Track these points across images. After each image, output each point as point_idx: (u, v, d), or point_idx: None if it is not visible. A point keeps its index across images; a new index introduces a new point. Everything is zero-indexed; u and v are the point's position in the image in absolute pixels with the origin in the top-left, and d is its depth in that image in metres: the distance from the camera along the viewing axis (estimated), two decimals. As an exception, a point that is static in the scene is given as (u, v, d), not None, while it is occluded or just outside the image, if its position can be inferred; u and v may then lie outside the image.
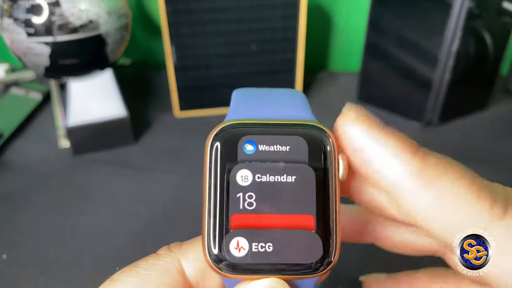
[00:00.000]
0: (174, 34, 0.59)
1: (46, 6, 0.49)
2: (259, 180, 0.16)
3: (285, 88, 0.20)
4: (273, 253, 0.16)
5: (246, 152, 0.16)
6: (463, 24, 0.55)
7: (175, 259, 0.18)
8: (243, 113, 0.17)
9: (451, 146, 0.59)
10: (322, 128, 0.17)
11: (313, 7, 0.75)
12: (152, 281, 0.17)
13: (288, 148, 0.16)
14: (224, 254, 0.16)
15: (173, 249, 0.18)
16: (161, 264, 0.17)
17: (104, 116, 0.56)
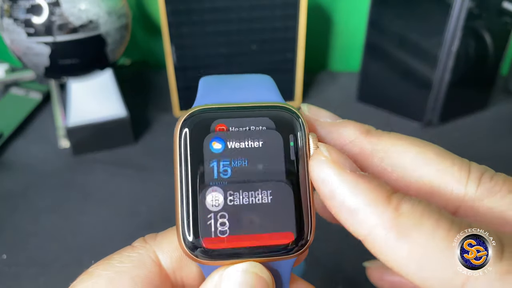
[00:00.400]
0: (174, 34, 0.59)
1: (46, 6, 0.49)
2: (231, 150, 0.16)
3: (252, 74, 0.20)
4: (249, 236, 0.16)
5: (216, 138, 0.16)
6: (463, 24, 0.55)
7: (150, 250, 0.18)
8: (211, 99, 0.17)
9: (451, 146, 0.58)
10: (292, 109, 0.17)
11: (313, 7, 0.75)
12: (127, 273, 0.17)
13: (258, 129, 0.16)
14: (199, 240, 0.15)
15: (148, 240, 0.18)
16: (135, 256, 0.17)
17: (104, 116, 0.56)
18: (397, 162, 0.16)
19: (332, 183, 0.15)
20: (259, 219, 0.16)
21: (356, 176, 0.15)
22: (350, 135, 0.17)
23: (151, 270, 0.17)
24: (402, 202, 0.14)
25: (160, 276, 0.17)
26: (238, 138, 0.16)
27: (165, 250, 0.18)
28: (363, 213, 0.15)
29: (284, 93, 0.68)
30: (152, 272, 0.17)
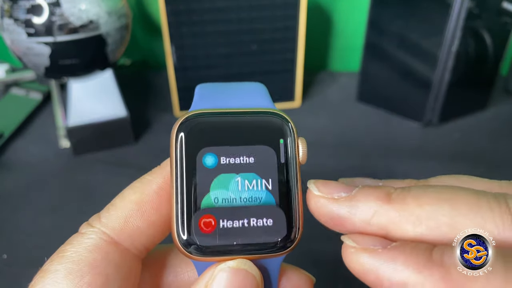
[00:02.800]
0: (174, 34, 0.59)
1: (46, 6, 0.49)
2: (223, 163, 0.17)
3: (247, 82, 0.21)
4: (239, 230, 0.16)
5: (211, 141, 0.17)
6: (462, 24, 0.55)
7: (100, 232, 0.17)
8: (206, 104, 0.18)
9: (451, 146, 0.59)
10: (282, 115, 0.18)
11: (313, 7, 0.76)
12: (84, 260, 0.16)
13: (250, 134, 0.17)
14: (193, 238, 0.16)
15: (94, 224, 0.18)
16: (88, 241, 0.17)
17: (104, 116, 0.56)
18: (432, 226, 0.15)
19: (372, 270, 0.15)
20: (250, 219, 0.16)
21: (390, 251, 0.15)
22: (372, 208, 0.16)
23: (108, 251, 0.17)
24: (444, 256, 0.14)
25: (119, 253, 0.17)
26: (230, 155, 0.17)
27: (116, 226, 0.17)
28: (413, 282, 0.14)
29: (284, 93, 0.68)
30: (110, 252, 0.17)
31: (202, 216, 0.16)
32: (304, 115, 0.67)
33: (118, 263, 0.17)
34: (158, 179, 0.18)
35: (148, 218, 0.18)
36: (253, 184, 0.17)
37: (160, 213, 0.18)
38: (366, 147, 0.58)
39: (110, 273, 0.17)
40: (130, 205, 0.18)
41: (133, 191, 0.18)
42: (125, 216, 0.17)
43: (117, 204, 0.18)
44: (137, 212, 0.18)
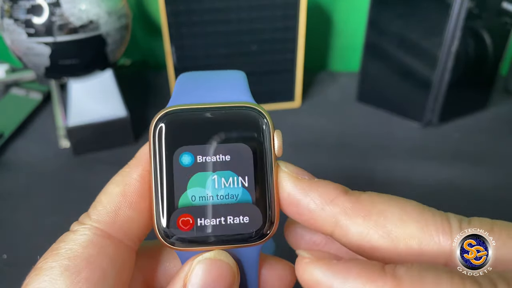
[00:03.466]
0: (174, 35, 0.59)
1: (46, 7, 0.49)
2: (200, 161, 0.17)
3: (227, 70, 0.21)
4: (217, 226, 0.17)
5: (187, 140, 0.17)
6: (462, 24, 0.55)
7: (93, 228, 0.17)
8: (184, 99, 0.18)
9: (451, 146, 0.59)
10: (258, 109, 0.18)
11: (313, 7, 0.76)
12: (79, 256, 0.16)
13: (226, 131, 0.18)
14: (172, 230, 0.17)
15: (84, 221, 0.18)
16: (82, 237, 0.17)
17: (104, 116, 0.56)
18: (380, 222, 0.16)
19: (325, 282, 0.15)
20: (227, 217, 0.17)
21: (345, 263, 0.15)
22: (330, 194, 0.17)
23: (103, 244, 0.17)
24: (396, 270, 0.14)
25: (114, 246, 0.17)
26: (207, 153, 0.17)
27: (107, 220, 0.18)
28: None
29: (284, 93, 0.68)
30: (104, 246, 0.17)
31: (180, 215, 0.17)
32: (304, 115, 0.67)
33: (113, 256, 0.17)
34: (137, 168, 0.19)
35: (136, 206, 0.18)
36: (230, 182, 0.17)
37: (147, 200, 0.18)
38: (366, 147, 0.58)
39: (106, 266, 0.17)
40: (116, 198, 0.18)
41: (115, 185, 0.19)
42: (114, 209, 0.18)
43: (103, 200, 0.18)
44: (125, 203, 0.18)
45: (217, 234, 0.17)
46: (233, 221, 0.17)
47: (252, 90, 0.52)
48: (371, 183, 0.51)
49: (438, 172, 0.53)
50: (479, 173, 0.53)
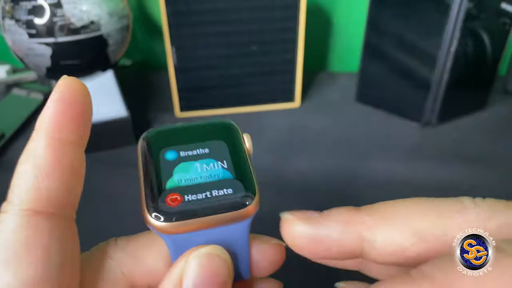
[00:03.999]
0: (174, 35, 0.60)
1: (47, 7, 0.49)
2: (183, 155, 0.19)
3: None
4: (203, 199, 0.18)
5: (171, 142, 0.20)
6: (461, 25, 0.55)
7: (17, 210, 0.16)
8: None
9: (450, 146, 0.59)
10: (227, 121, 0.21)
11: (313, 8, 0.76)
12: (16, 243, 0.15)
13: (203, 134, 0.20)
14: (161, 206, 0.17)
15: (6, 209, 0.17)
16: (9, 224, 0.16)
17: (105, 117, 0.56)
18: (403, 222, 0.17)
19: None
20: (212, 191, 0.18)
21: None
22: (345, 216, 0.17)
23: (35, 222, 0.16)
24: (423, 270, 0.14)
25: (47, 221, 0.16)
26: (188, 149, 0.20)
27: (29, 197, 0.16)
28: None
29: (284, 94, 0.68)
30: (38, 223, 0.16)
31: (168, 194, 0.18)
32: (304, 116, 0.67)
33: (50, 230, 0.16)
34: (41, 139, 0.17)
35: (53, 176, 0.17)
36: (211, 166, 0.19)
37: (63, 166, 0.18)
38: (365, 148, 0.59)
39: (46, 243, 0.16)
40: (29, 174, 0.17)
41: (24, 163, 0.17)
42: (32, 185, 0.17)
43: (17, 181, 0.17)
44: (41, 175, 0.17)
45: (204, 205, 0.18)
46: (218, 193, 0.18)
47: (252, 91, 0.54)
48: (370, 183, 0.52)
49: (437, 172, 0.53)
50: (478, 173, 0.53)
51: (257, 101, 0.67)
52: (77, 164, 0.19)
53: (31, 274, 0.15)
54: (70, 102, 0.18)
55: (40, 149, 0.17)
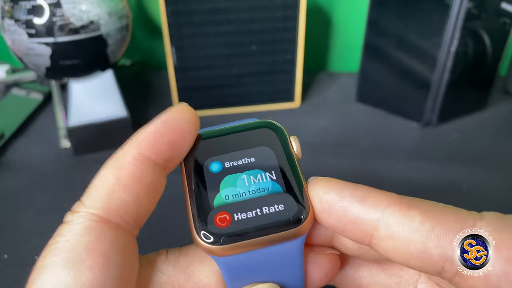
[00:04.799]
0: (174, 35, 0.60)
1: (47, 7, 0.49)
2: (228, 166, 0.18)
3: None
4: (254, 217, 0.17)
5: (215, 151, 0.19)
6: (461, 24, 0.55)
7: (88, 214, 0.17)
8: None
9: (450, 146, 0.59)
10: (273, 122, 0.20)
11: (313, 8, 0.76)
12: (79, 245, 0.16)
13: (248, 139, 0.19)
14: (210, 228, 0.17)
15: (78, 209, 0.17)
16: (78, 226, 0.16)
17: (104, 117, 0.56)
18: None
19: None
20: (262, 208, 0.17)
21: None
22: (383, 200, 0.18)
23: (101, 229, 0.16)
24: None
25: (112, 230, 0.17)
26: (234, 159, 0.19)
27: (101, 205, 0.17)
28: None
29: (284, 94, 0.68)
30: (103, 231, 0.16)
31: (217, 214, 0.17)
32: (304, 116, 0.67)
33: (113, 240, 0.16)
34: (131, 151, 0.18)
35: (131, 190, 0.17)
36: (258, 178, 0.18)
37: (142, 183, 0.18)
38: (365, 147, 0.59)
39: (108, 251, 0.16)
40: (110, 181, 0.17)
41: (108, 168, 0.18)
42: (108, 192, 0.17)
43: (96, 184, 0.18)
44: (119, 186, 0.17)
45: (255, 225, 0.17)
46: (268, 210, 0.17)
47: (252, 91, 0.54)
48: (370, 183, 0.51)
49: (437, 172, 0.53)
50: (478, 173, 0.53)
51: (257, 101, 0.67)
52: (156, 186, 0.18)
53: (90, 278, 0.15)
54: (174, 127, 0.18)
55: (126, 161, 0.18)
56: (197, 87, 0.65)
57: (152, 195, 0.18)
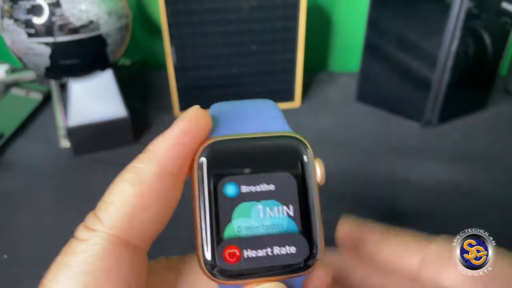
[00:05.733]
0: (174, 35, 0.60)
1: (46, 7, 0.49)
2: (244, 191, 0.17)
3: (258, 100, 0.21)
4: (264, 257, 0.16)
5: (231, 170, 0.17)
6: (462, 24, 0.55)
7: (107, 235, 0.15)
8: (225, 130, 0.18)
9: (450, 146, 0.59)
10: (299, 138, 0.18)
11: (313, 7, 0.76)
12: (98, 270, 0.15)
13: (269, 160, 0.17)
14: (218, 262, 0.16)
15: (95, 227, 0.16)
16: (96, 248, 0.15)
17: (104, 116, 0.56)
18: None
19: None
20: (273, 247, 0.17)
21: None
22: None
23: (121, 253, 0.15)
24: None
25: (131, 254, 0.16)
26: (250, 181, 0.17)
27: (123, 226, 0.16)
28: None
29: (284, 94, 0.68)
30: (123, 255, 0.15)
31: (226, 247, 0.16)
32: (304, 116, 0.67)
33: (132, 264, 0.16)
34: (153, 165, 0.17)
35: (153, 209, 0.16)
36: (275, 211, 0.17)
37: (164, 201, 0.17)
38: (366, 147, 0.58)
39: (127, 277, 0.15)
40: (132, 199, 0.16)
41: (129, 184, 0.16)
42: (129, 212, 0.16)
43: (116, 202, 0.16)
44: (141, 206, 0.16)
45: (264, 266, 0.16)
46: (280, 252, 0.16)
47: (252, 90, 0.53)
48: (370, 183, 0.51)
49: (438, 172, 0.53)
50: (479, 173, 0.53)
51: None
52: (176, 199, 0.17)
53: None
54: (194, 137, 0.17)
55: (149, 177, 0.16)
56: (197, 87, 0.64)
57: (171, 210, 0.17)
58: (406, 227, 0.24)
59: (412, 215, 0.46)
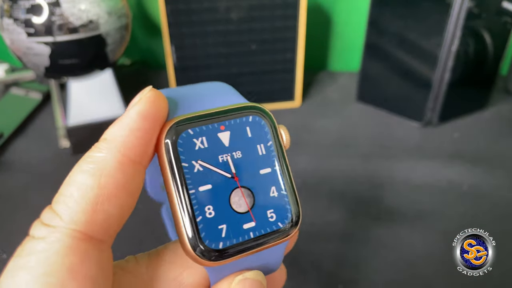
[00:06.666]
0: (174, 34, 0.59)
1: (46, 6, 0.49)
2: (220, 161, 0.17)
3: (208, 82, 0.21)
4: (250, 228, 0.17)
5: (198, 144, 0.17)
6: (462, 24, 0.55)
7: (69, 230, 0.14)
8: (184, 109, 0.18)
9: (450, 146, 0.59)
10: (261, 107, 0.19)
11: (313, 7, 0.76)
12: (61, 268, 0.14)
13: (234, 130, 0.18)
14: (203, 242, 0.16)
15: (53, 223, 0.15)
16: (57, 245, 0.14)
17: (104, 116, 0.56)
18: None
19: None
20: None
21: None
22: None
23: (86, 248, 0.14)
24: None
25: (96, 248, 0.15)
26: None
27: (84, 219, 0.14)
28: None
29: (284, 93, 0.68)
30: (88, 250, 0.14)
31: None
32: (304, 115, 0.67)
33: (98, 260, 0.15)
34: (114, 154, 0.15)
35: (116, 200, 0.15)
36: None
37: (127, 190, 0.15)
38: (366, 147, 0.58)
39: (94, 274, 0.14)
40: (92, 191, 0.15)
41: (88, 174, 0.15)
42: (91, 205, 0.15)
43: (75, 194, 0.15)
44: (103, 197, 0.15)
45: (253, 236, 0.17)
46: None
47: (252, 90, 0.53)
48: (371, 182, 0.51)
49: (438, 171, 0.53)
50: (479, 173, 0.53)
51: (257, 100, 0.66)
52: (139, 188, 0.16)
53: None
54: (154, 120, 0.16)
55: (109, 166, 0.15)
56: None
57: (135, 199, 0.16)
58: (406, 227, 0.24)
59: (412, 215, 0.46)
